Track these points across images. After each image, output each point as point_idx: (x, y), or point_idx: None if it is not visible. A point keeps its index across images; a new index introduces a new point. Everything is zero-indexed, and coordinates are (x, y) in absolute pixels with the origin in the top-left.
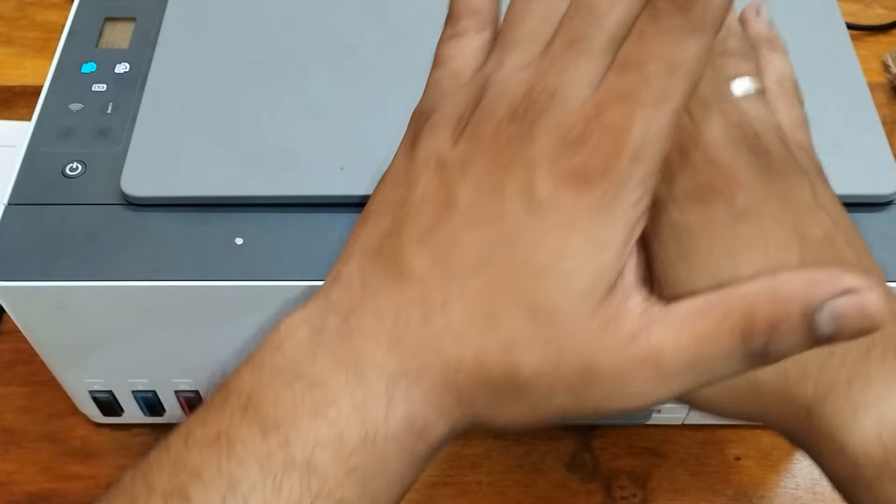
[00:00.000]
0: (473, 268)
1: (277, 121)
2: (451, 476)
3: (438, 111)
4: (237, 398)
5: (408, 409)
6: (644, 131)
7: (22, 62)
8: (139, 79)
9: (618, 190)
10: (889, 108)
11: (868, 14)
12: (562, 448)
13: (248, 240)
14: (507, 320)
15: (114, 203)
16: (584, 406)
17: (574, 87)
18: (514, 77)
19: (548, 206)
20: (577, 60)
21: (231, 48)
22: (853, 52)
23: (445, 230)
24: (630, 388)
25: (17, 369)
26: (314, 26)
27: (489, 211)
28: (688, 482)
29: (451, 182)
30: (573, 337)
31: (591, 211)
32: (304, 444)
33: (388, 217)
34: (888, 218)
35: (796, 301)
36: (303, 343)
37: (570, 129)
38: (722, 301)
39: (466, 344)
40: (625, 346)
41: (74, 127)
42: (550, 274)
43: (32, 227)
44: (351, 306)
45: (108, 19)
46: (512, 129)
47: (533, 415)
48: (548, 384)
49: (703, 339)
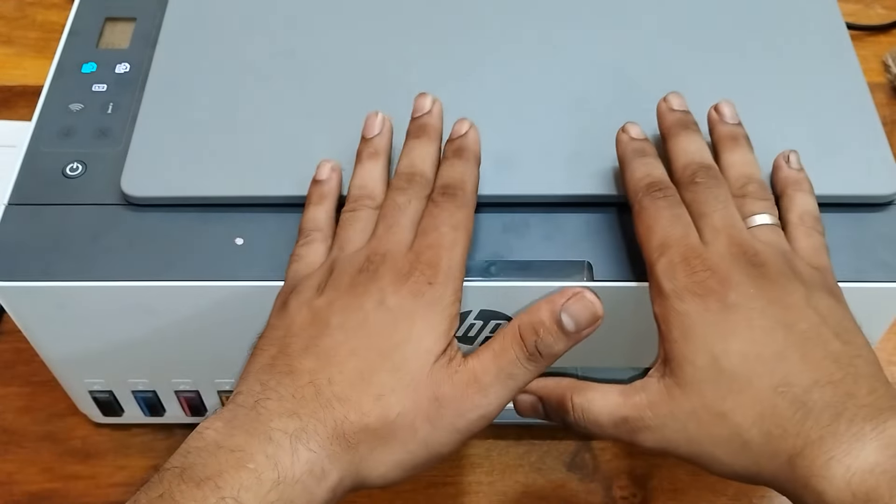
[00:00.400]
0: (348, 356)
1: (277, 121)
2: (451, 476)
3: (301, 284)
4: (172, 473)
5: (308, 457)
6: (448, 261)
7: (22, 62)
8: (139, 79)
9: (440, 294)
10: (889, 108)
11: (868, 14)
12: (562, 448)
13: (248, 240)
14: (376, 380)
15: (114, 203)
16: (440, 429)
17: (398, 248)
18: (355, 256)
19: (396, 309)
20: (395, 235)
21: (231, 48)
22: (853, 52)
23: (323, 341)
24: (466, 403)
25: (18, 369)
26: (314, 26)
27: (355, 322)
28: (688, 482)
29: (321, 315)
30: (423, 379)
31: (425, 307)
32: (231, 487)
33: (273, 347)
34: (888, 218)
35: (545, 312)
36: (220, 430)
37: (401, 267)
38: (504, 329)
39: (349, 402)
40: (454, 375)
41: (75, 127)
42: (403, 345)
43: (33, 228)
44: (256, 399)
45: (109, 19)
46: (362, 276)
47: (404, 450)
48: (411, 419)
49: (497, 354)
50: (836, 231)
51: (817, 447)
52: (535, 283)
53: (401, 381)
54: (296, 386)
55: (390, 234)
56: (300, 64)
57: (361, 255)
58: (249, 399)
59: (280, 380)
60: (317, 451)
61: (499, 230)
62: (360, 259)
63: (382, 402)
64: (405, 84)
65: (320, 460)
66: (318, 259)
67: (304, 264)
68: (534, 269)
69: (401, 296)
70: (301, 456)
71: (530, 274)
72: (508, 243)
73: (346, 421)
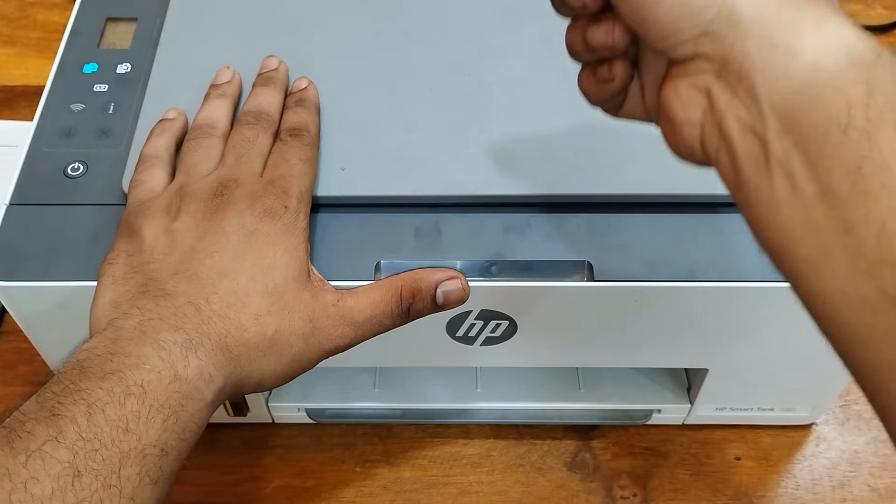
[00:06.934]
0: (219, 278)
1: None
2: (451, 476)
3: (148, 208)
4: (71, 372)
5: (197, 364)
6: (299, 188)
7: (24, 62)
8: (141, 79)
9: (295, 217)
10: None
11: (869, 14)
12: (562, 448)
13: None
14: (252, 301)
15: (115, 203)
16: (312, 347)
17: (250, 175)
18: (204, 180)
19: (257, 232)
20: (245, 164)
21: (232, 48)
22: None
23: (192, 265)
24: (337, 331)
25: (19, 369)
26: (314, 27)
27: (219, 244)
28: (688, 482)
29: (183, 239)
30: (297, 304)
31: (284, 231)
32: (134, 380)
33: (139, 275)
34: None
35: (426, 283)
36: (108, 345)
37: (255, 191)
38: (387, 282)
39: (229, 319)
40: (330, 306)
41: (76, 127)
42: (271, 269)
43: (34, 228)
44: (137, 321)
45: (110, 20)
46: (217, 201)
47: (279, 363)
48: (287, 336)
49: (376, 302)
50: None
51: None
52: (536, 283)
53: (275, 305)
54: (175, 306)
55: (241, 163)
56: (301, 64)
57: (212, 181)
58: (129, 322)
59: (157, 302)
60: (204, 360)
61: (499, 230)
62: (212, 184)
63: (260, 321)
64: (405, 84)
65: (208, 367)
66: (159, 184)
67: (145, 189)
68: (534, 269)
69: (258, 218)
70: (191, 362)
71: (531, 274)
72: (509, 243)
73: (229, 335)
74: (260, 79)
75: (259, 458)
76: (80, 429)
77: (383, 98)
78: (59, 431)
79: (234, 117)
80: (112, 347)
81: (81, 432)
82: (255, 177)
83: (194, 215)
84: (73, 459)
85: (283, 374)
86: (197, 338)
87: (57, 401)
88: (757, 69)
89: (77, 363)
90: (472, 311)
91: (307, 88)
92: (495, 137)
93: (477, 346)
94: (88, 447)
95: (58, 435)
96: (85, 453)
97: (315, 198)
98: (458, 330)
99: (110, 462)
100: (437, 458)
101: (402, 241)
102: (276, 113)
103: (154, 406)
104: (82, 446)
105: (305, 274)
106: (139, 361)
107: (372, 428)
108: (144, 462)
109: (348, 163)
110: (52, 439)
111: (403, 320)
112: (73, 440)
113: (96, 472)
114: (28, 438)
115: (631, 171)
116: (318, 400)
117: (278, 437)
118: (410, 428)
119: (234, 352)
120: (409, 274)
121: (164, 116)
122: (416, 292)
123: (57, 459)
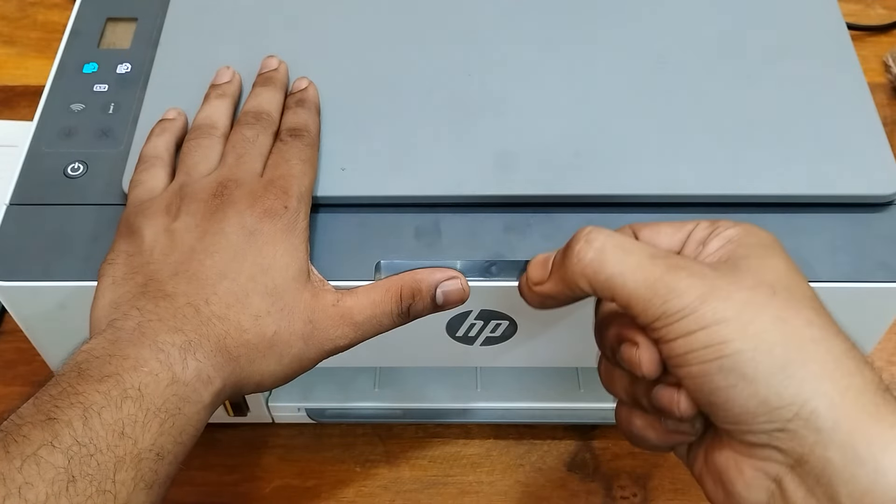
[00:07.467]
0: (219, 279)
1: None
2: (451, 476)
3: (148, 208)
4: (69, 375)
5: (196, 366)
6: (299, 188)
7: (24, 62)
8: (141, 79)
9: (295, 218)
10: (889, 108)
11: (868, 14)
12: (563, 448)
13: None
14: (252, 302)
15: (115, 203)
16: (312, 347)
17: (250, 176)
18: (204, 180)
19: (257, 232)
20: (246, 164)
21: (232, 48)
22: (853, 53)
23: (192, 266)
24: (337, 331)
25: (19, 369)
26: (314, 27)
27: (219, 245)
28: (688, 482)
29: (183, 240)
30: (297, 304)
31: (284, 232)
32: (131, 383)
33: (139, 275)
34: (888, 218)
35: (426, 284)
36: (107, 347)
37: (255, 191)
38: (387, 282)
39: (228, 320)
40: (330, 306)
41: (76, 127)
42: (271, 270)
43: (34, 228)
44: (137, 322)
45: (110, 19)
46: (217, 201)
47: (279, 363)
48: (287, 337)
49: (375, 302)
50: (836, 231)
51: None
52: None
53: (275, 305)
54: (174, 307)
55: (241, 163)
56: (301, 64)
57: (212, 181)
58: (129, 323)
59: (157, 303)
60: (203, 361)
61: (500, 230)
62: (212, 184)
63: (260, 322)
64: (405, 84)
65: (206, 369)
66: (159, 184)
67: (145, 189)
68: None
69: (258, 218)
70: (190, 364)
71: None
72: (509, 243)
73: (228, 336)
74: (260, 79)
75: (259, 458)
76: (76, 433)
77: (383, 98)
78: (54, 436)
79: (234, 117)
80: (110, 349)
81: (77, 437)
82: (255, 177)
83: (194, 215)
84: (67, 464)
85: (283, 375)
86: (196, 339)
87: (54, 404)
88: (841, 480)
89: (75, 365)
90: (472, 311)
91: (307, 88)
92: (495, 137)
93: (477, 346)
94: (84, 452)
95: (53, 439)
96: (80, 458)
97: (315, 198)
98: (458, 330)
99: (105, 467)
100: (437, 458)
101: (402, 241)
102: (277, 113)
103: (151, 410)
104: (77, 451)
105: (305, 274)
106: (137, 364)
107: (372, 428)
108: (140, 466)
109: (348, 163)
110: (47, 444)
111: (403, 320)
112: (68, 444)
113: (91, 478)
114: (24, 443)
115: (631, 171)
116: (318, 400)
117: (278, 437)
118: (410, 428)
119: (233, 353)
120: (409, 274)
121: (164, 116)
122: (416, 292)
123: (52, 464)
